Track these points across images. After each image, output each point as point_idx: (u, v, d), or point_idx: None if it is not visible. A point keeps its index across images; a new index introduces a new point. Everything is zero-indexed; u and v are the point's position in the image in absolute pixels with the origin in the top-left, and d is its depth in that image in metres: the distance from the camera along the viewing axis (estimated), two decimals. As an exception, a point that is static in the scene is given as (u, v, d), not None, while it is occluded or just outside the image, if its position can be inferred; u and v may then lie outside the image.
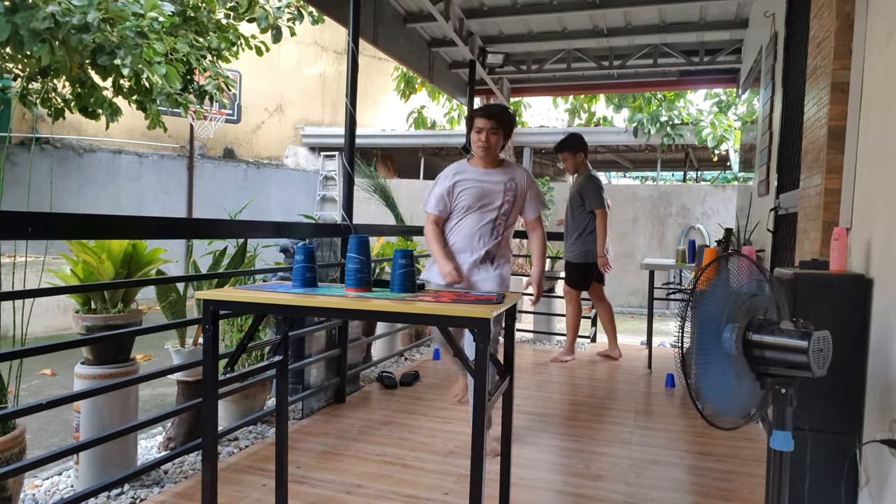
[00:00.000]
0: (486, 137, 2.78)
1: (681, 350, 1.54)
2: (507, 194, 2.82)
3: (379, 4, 4.96)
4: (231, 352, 1.98)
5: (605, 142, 11.82)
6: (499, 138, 2.82)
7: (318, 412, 3.39)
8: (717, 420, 1.54)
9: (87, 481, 2.46)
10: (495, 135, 2.79)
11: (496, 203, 2.82)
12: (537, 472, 2.65)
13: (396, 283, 1.76)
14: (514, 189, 2.85)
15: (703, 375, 1.49)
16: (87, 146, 9.87)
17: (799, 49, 3.43)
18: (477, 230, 2.82)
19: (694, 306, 1.62)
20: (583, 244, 4.60)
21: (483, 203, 2.81)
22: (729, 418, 1.53)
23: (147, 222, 2.58)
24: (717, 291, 1.52)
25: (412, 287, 1.76)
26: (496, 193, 2.82)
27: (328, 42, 13.33)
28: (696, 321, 1.53)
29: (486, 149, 2.80)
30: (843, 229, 2.04)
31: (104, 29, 4.89)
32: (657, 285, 5.14)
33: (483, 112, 2.83)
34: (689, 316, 1.56)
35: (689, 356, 1.55)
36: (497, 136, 2.80)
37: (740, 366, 1.48)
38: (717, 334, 1.49)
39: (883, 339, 1.83)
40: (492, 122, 2.78)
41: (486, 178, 2.83)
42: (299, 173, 12.78)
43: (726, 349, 1.48)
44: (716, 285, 1.53)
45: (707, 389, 1.49)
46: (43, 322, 6.72)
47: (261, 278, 3.44)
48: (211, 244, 3.37)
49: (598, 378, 4.41)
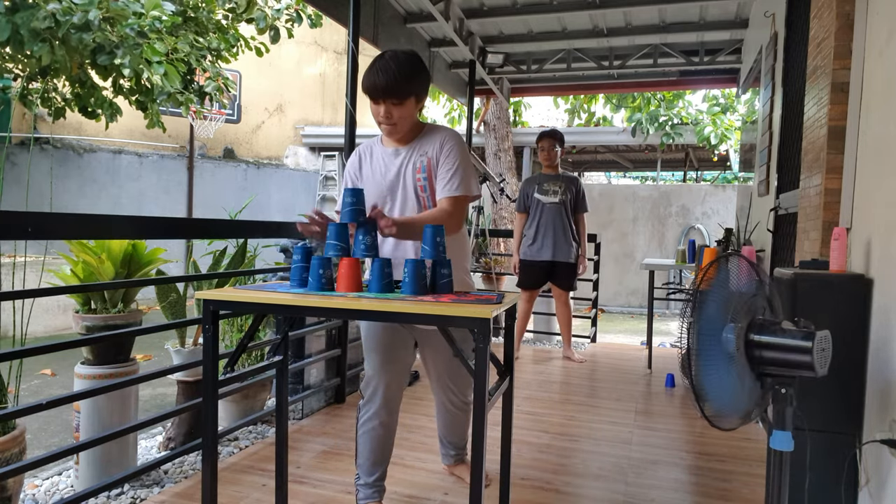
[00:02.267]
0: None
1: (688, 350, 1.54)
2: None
3: (379, 4, 4.96)
4: (231, 352, 1.98)
5: (604, 142, 11.82)
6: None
7: (318, 412, 3.39)
8: (718, 420, 1.54)
9: (87, 481, 2.46)
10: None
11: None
12: (537, 471, 2.65)
13: (408, 284, 1.70)
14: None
15: (705, 375, 1.49)
16: (87, 146, 9.87)
17: (799, 49, 3.43)
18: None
19: (695, 306, 1.62)
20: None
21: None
22: (729, 418, 1.53)
23: (147, 222, 2.58)
24: (717, 291, 1.52)
25: (424, 288, 1.72)
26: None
27: (328, 42, 13.33)
28: (697, 321, 1.53)
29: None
30: (843, 229, 2.04)
31: (104, 28, 4.88)
32: (657, 285, 5.14)
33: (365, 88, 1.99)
34: (690, 316, 1.56)
35: (691, 356, 1.54)
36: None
37: (741, 366, 1.48)
38: (717, 334, 1.49)
39: (883, 339, 1.83)
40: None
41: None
42: (299, 173, 12.78)
43: (727, 349, 1.48)
44: (716, 285, 1.53)
45: (709, 389, 1.49)
46: (43, 322, 6.72)
47: (261, 278, 3.44)
48: (211, 244, 3.37)
49: (599, 378, 4.41)
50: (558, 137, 4.68)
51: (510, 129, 9.74)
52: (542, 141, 4.66)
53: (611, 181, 19.20)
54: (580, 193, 4.70)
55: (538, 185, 4.66)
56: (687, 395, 3.94)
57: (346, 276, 1.73)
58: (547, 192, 4.63)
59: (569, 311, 4.89)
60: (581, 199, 4.70)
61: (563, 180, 4.67)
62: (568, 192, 4.62)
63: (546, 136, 4.66)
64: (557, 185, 4.63)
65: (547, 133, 4.69)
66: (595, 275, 5.92)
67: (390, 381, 2.19)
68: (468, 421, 2.44)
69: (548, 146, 4.64)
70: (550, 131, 4.72)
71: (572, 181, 4.75)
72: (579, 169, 17.15)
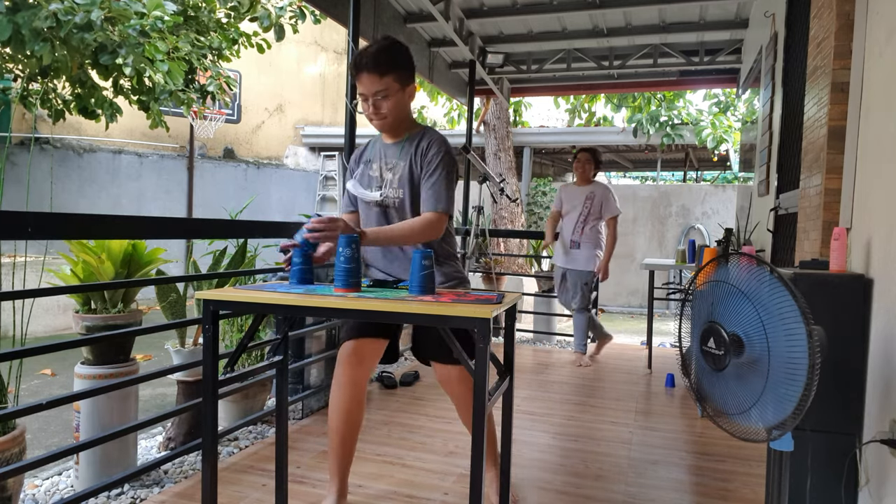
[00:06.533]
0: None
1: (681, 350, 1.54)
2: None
3: (379, 4, 4.96)
4: (231, 352, 1.98)
5: (605, 142, 11.81)
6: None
7: (318, 412, 3.39)
8: (719, 420, 1.54)
9: (87, 481, 2.46)
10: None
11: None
12: (537, 472, 2.65)
13: (416, 284, 1.69)
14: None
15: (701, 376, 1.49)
16: (87, 146, 9.87)
17: (799, 49, 3.43)
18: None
19: (692, 306, 1.62)
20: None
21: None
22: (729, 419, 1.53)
23: (147, 222, 2.58)
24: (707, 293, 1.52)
25: (432, 289, 1.72)
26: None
27: (328, 42, 13.33)
28: (694, 321, 1.54)
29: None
30: (843, 229, 2.04)
31: (106, 28, 4.89)
32: (657, 285, 5.14)
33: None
34: (687, 315, 1.56)
35: (689, 356, 1.55)
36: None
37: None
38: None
39: (883, 339, 1.83)
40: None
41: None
42: (299, 173, 12.77)
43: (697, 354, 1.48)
44: (710, 286, 1.53)
45: (707, 389, 1.49)
46: (43, 322, 6.72)
47: (261, 278, 3.44)
48: (211, 244, 3.37)
49: (598, 378, 4.41)
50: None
51: (510, 129, 9.73)
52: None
53: (611, 181, 19.21)
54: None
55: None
56: (687, 395, 3.94)
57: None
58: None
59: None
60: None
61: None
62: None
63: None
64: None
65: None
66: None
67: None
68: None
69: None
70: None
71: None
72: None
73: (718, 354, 1.51)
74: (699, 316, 1.60)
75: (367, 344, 2.07)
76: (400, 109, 2.02)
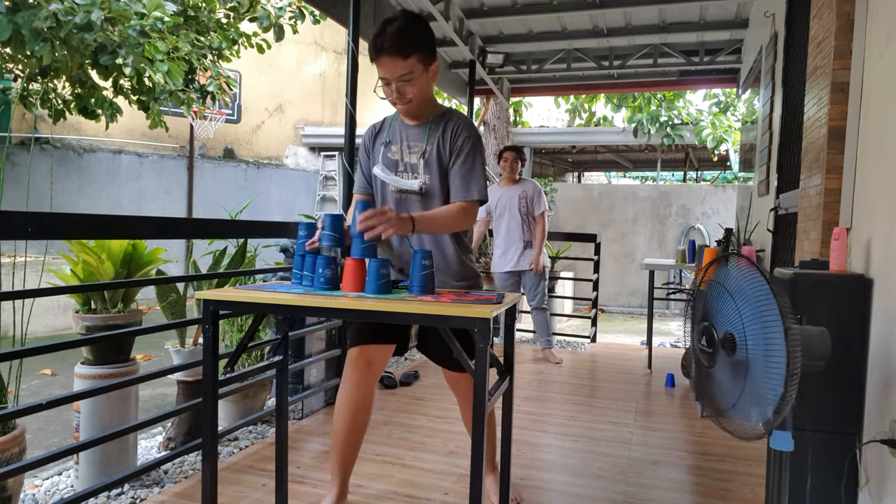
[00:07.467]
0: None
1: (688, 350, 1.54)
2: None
3: (379, 4, 4.96)
4: (231, 352, 1.98)
5: (605, 142, 11.82)
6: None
7: (318, 412, 3.39)
8: (716, 419, 1.54)
9: (87, 481, 2.46)
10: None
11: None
12: (537, 472, 2.65)
13: (416, 284, 1.69)
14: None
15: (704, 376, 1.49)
16: (87, 146, 9.87)
17: (799, 49, 3.43)
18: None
19: (692, 306, 1.62)
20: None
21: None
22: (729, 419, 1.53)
23: (147, 222, 2.58)
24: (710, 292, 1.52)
25: (433, 289, 1.71)
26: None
27: (328, 42, 13.32)
28: (694, 321, 1.54)
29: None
30: (843, 229, 2.04)
31: (106, 28, 4.88)
32: (657, 285, 5.14)
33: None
34: (690, 315, 1.56)
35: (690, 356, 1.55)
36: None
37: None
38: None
39: (883, 339, 1.83)
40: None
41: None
42: (299, 173, 12.77)
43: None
44: (712, 286, 1.53)
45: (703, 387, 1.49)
46: (43, 322, 6.72)
47: (261, 278, 3.44)
48: (211, 244, 3.37)
49: (598, 378, 4.41)
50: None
51: (510, 129, 9.73)
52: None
53: (611, 181, 19.21)
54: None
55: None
56: (687, 395, 3.94)
57: (352, 276, 1.72)
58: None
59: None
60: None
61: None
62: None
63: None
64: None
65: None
66: (595, 275, 5.92)
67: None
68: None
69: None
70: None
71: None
72: (579, 169, 17.16)
73: (709, 352, 1.51)
74: (697, 316, 1.61)
75: (374, 349, 2.04)
76: (425, 91, 1.90)
